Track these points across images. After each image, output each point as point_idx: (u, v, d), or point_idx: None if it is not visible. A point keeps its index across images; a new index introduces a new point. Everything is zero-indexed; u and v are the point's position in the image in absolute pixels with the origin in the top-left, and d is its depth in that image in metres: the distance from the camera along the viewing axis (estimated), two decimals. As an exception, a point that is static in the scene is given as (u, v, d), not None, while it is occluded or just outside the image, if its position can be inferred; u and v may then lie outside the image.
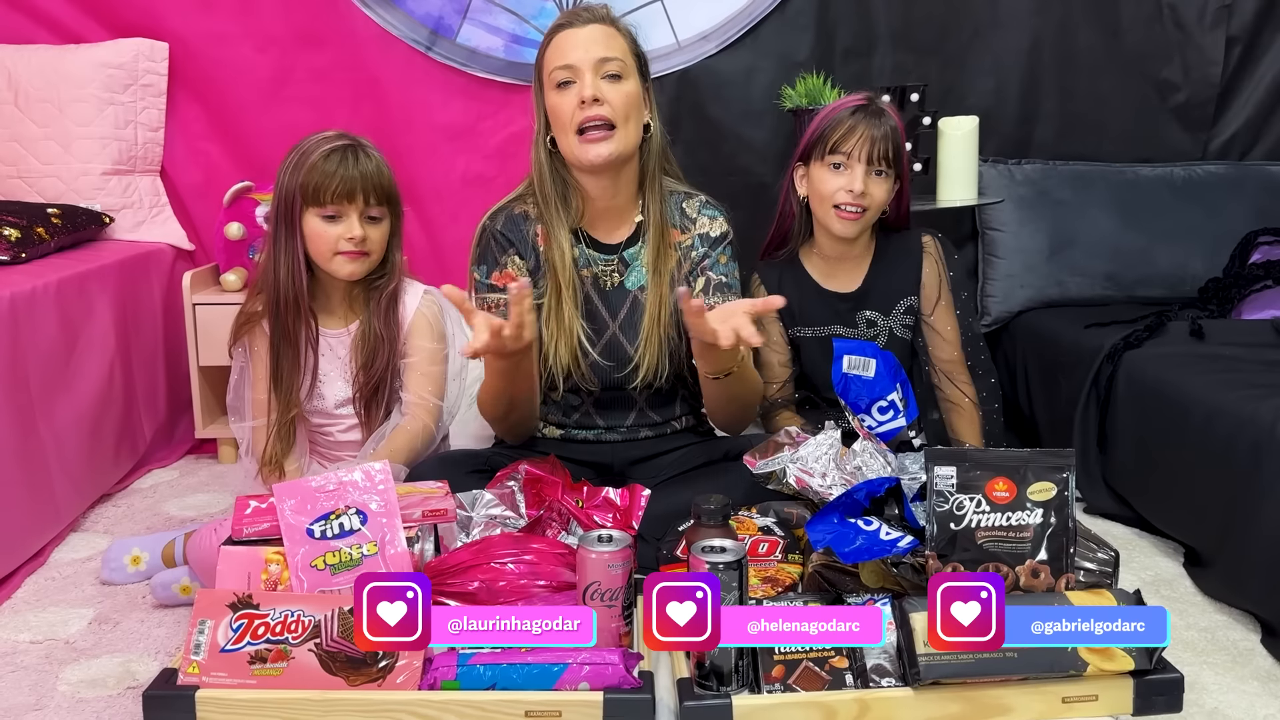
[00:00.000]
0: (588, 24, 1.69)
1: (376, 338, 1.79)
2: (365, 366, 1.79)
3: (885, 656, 1.27)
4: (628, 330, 1.76)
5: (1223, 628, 1.61)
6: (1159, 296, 2.42)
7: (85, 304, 2.11)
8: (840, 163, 1.81)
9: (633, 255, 1.78)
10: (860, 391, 1.71)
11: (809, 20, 2.53)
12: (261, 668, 1.23)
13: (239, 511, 1.37)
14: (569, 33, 1.69)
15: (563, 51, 1.67)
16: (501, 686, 1.23)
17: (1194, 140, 2.65)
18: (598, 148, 1.65)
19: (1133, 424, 1.96)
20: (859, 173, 1.79)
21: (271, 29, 2.50)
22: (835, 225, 1.84)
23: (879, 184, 1.82)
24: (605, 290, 1.77)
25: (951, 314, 1.93)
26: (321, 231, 1.73)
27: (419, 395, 1.81)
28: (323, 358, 1.83)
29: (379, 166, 1.76)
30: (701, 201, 1.82)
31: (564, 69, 1.66)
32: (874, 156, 1.80)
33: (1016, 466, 1.32)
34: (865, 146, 1.79)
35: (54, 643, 1.60)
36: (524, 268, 1.77)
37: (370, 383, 1.80)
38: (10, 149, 2.41)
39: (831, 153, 1.82)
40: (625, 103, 1.67)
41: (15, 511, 1.81)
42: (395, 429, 1.78)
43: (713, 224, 1.80)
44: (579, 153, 1.66)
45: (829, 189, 1.82)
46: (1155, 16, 2.58)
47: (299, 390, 1.80)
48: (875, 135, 1.79)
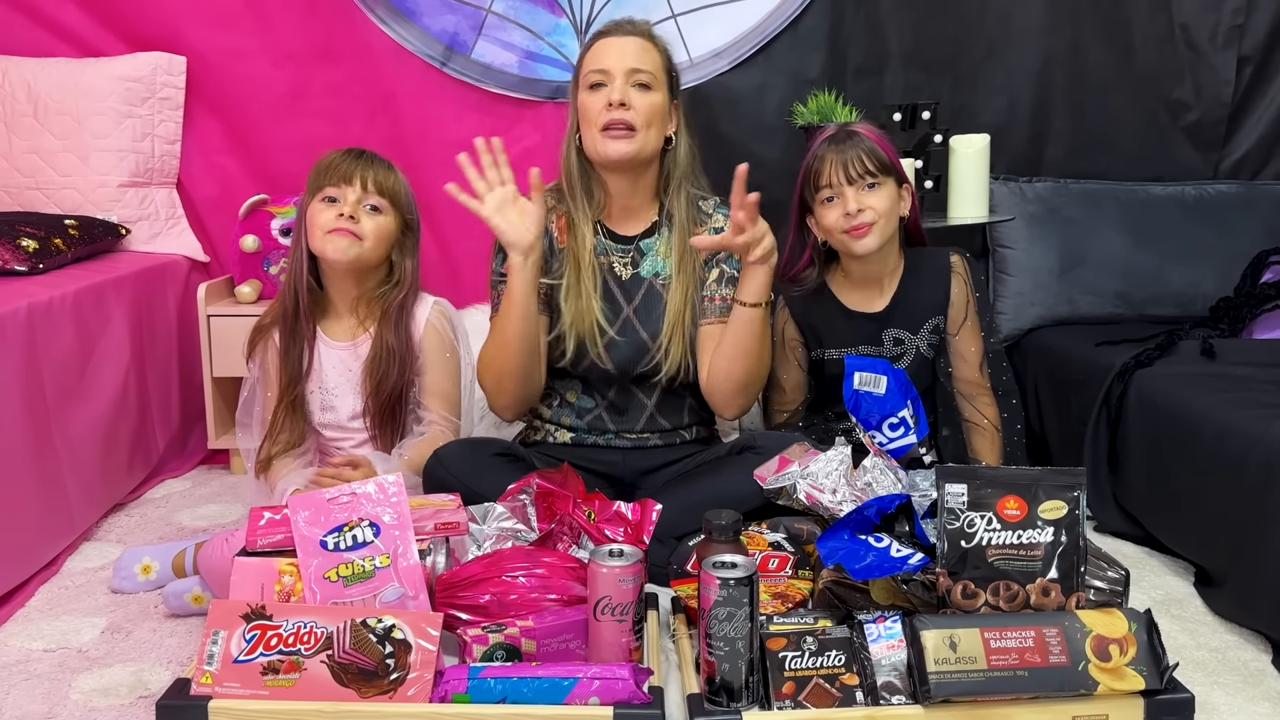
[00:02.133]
0: (628, 35, 1.82)
1: (389, 352, 1.80)
2: (379, 383, 1.81)
3: (896, 674, 1.27)
4: (642, 314, 1.85)
5: (1233, 648, 1.60)
6: (1170, 315, 2.42)
7: (101, 315, 2.12)
8: (830, 195, 1.88)
9: (648, 245, 1.87)
10: (871, 408, 1.71)
11: (821, 38, 2.54)
12: (274, 679, 1.24)
13: (253, 523, 1.38)
14: (609, 40, 1.82)
15: (600, 56, 1.81)
16: (512, 700, 1.23)
17: (1205, 160, 2.65)
18: (616, 144, 1.77)
19: (1143, 443, 1.95)
20: (848, 194, 1.85)
21: (288, 44, 2.52)
22: (853, 246, 1.87)
23: (874, 195, 1.86)
24: (621, 279, 1.86)
25: (976, 334, 1.95)
26: (318, 213, 1.78)
27: (439, 414, 1.84)
28: (333, 370, 1.84)
29: (388, 168, 1.82)
30: (717, 202, 1.92)
31: (599, 72, 1.79)
32: (854, 174, 1.85)
33: (1028, 485, 1.32)
34: (840, 170, 1.86)
35: (67, 651, 1.61)
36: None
37: (383, 400, 1.81)
38: (29, 160, 2.43)
39: (819, 190, 1.89)
40: (649, 111, 1.79)
41: (30, 520, 1.82)
42: (418, 441, 1.80)
43: (727, 221, 1.84)
44: (599, 147, 1.79)
45: (830, 222, 1.88)
46: (1167, 36, 2.58)
47: (303, 383, 1.83)
48: (848, 156, 1.86)
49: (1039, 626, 1.26)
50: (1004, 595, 1.30)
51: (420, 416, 1.86)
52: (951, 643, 1.23)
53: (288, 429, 1.83)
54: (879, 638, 1.29)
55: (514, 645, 1.33)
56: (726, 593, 1.25)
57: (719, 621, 1.26)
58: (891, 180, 1.87)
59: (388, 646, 1.25)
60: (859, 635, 1.31)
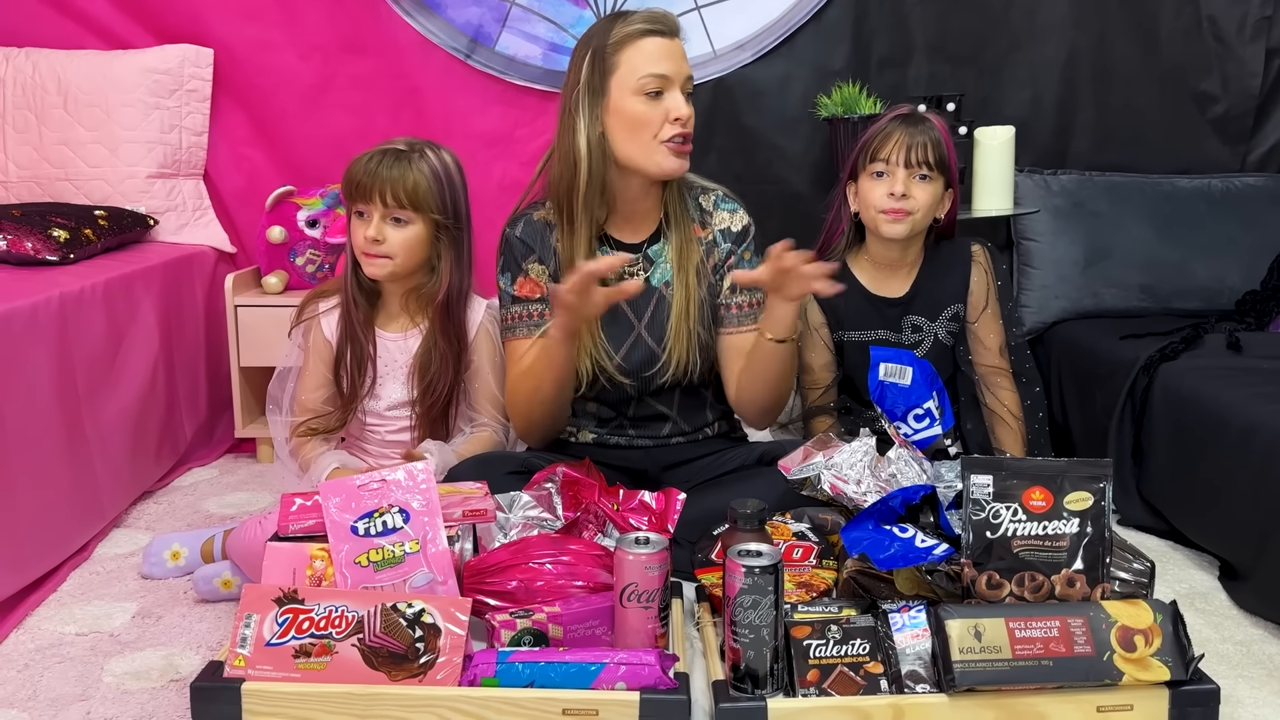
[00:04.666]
0: (674, 36, 1.71)
1: (440, 354, 1.81)
2: (430, 384, 1.82)
3: (920, 663, 1.28)
4: (653, 330, 1.78)
5: (1258, 641, 1.60)
6: (1195, 309, 2.40)
7: (131, 304, 2.15)
8: (882, 170, 1.86)
9: (656, 252, 1.80)
10: (896, 399, 1.72)
11: (845, 30, 2.54)
12: (305, 661, 1.25)
13: (285, 508, 1.40)
14: (662, 42, 1.69)
15: (656, 60, 1.67)
16: (540, 684, 1.25)
17: (1232, 152, 2.63)
18: (680, 161, 1.71)
19: (1168, 436, 1.95)
20: (900, 176, 1.84)
21: (314, 37, 2.54)
22: (883, 228, 1.87)
23: (922, 187, 1.85)
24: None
25: (997, 322, 1.96)
26: (355, 229, 1.80)
27: (491, 416, 1.86)
28: (382, 358, 1.86)
29: (412, 173, 1.76)
30: (719, 195, 1.85)
31: (658, 78, 1.67)
32: (913, 160, 1.84)
33: (1053, 476, 1.33)
34: (903, 151, 1.84)
35: (99, 635, 1.63)
36: (544, 274, 1.79)
37: (434, 400, 1.82)
38: (59, 152, 2.46)
39: (873, 161, 1.87)
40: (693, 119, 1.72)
41: (61, 506, 1.85)
42: (470, 438, 1.83)
43: (733, 218, 1.84)
44: (661, 161, 1.69)
45: (873, 196, 1.87)
46: (1194, 29, 2.57)
47: (362, 389, 1.84)
48: (913, 140, 1.84)
49: (1064, 616, 1.26)
50: (1029, 586, 1.31)
51: (471, 418, 1.88)
52: (976, 632, 1.24)
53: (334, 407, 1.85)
54: (903, 627, 1.29)
55: (541, 631, 1.34)
56: (752, 580, 1.26)
57: (744, 609, 1.27)
58: (942, 179, 1.87)
59: (417, 630, 1.26)
60: (883, 624, 1.31)
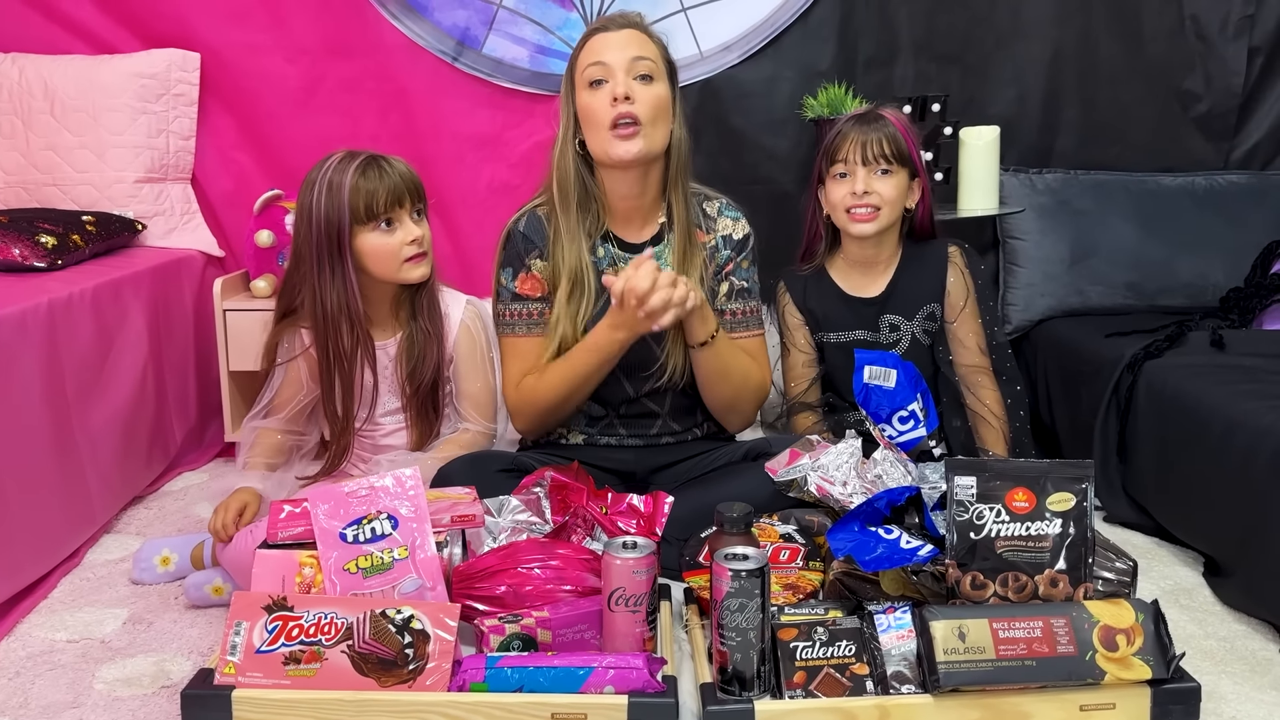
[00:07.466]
0: (622, 28, 1.75)
1: (424, 337, 1.81)
2: (413, 371, 1.82)
3: (905, 664, 1.29)
4: (655, 332, 1.77)
5: (1242, 637, 1.61)
6: (1180, 306, 2.42)
7: (119, 310, 2.15)
8: (843, 171, 1.90)
9: (658, 253, 1.82)
10: (881, 401, 1.73)
11: (831, 30, 2.55)
12: (295, 668, 1.26)
13: (274, 516, 1.40)
14: (604, 35, 1.75)
15: (596, 51, 1.73)
16: (528, 689, 1.25)
17: (1216, 150, 2.65)
18: (627, 144, 1.70)
19: (1153, 433, 1.96)
20: (860, 175, 1.88)
21: (301, 40, 2.54)
22: (852, 228, 1.90)
23: (884, 182, 1.88)
24: None
25: (976, 321, 1.97)
26: (382, 244, 1.74)
27: (474, 419, 1.86)
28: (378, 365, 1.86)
29: (407, 167, 1.79)
30: (723, 204, 1.88)
31: (597, 66, 1.71)
32: (870, 156, 1.87)
33: (1036, 477, 1.34)
34: (859, 149, 1.88)
35: (90, 642, 1.64)
36: (546, 269, 1.81)
37: (418, 388, 1.82)
38: (46, 157, 2.46)
39: (833, 163, 1.91)
40: (655, 104, 1.72)
41: (52, 512, 1.85)
42: (447, 440, 1.83)
43: (735, 225, 1.87)
44: (609, 148, 1.71)
45: (837, 197, 1.91)
46: (1177, 27, 2.58)
47: (355, 413, 1.82)
48: (867, 137, 1.88)
49: (1047, 617, 1.27)
50: (1013, 586, 1.32)
51: (456, 425, 1.88)
52: (960, 633, 1.25)
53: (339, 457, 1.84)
54: (889, 628, 1.31)
55: (530, 635, 1.35)
56: (739, 584, 1.27)
57: (731, 612, 1.28)
58: (905, 171, 1.90)
59: (406, 637, 1.27)
60: (869, 626, 1.32)
